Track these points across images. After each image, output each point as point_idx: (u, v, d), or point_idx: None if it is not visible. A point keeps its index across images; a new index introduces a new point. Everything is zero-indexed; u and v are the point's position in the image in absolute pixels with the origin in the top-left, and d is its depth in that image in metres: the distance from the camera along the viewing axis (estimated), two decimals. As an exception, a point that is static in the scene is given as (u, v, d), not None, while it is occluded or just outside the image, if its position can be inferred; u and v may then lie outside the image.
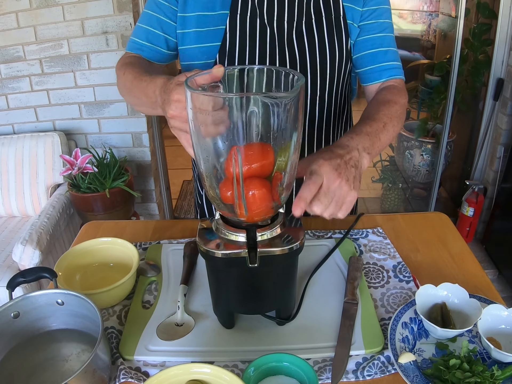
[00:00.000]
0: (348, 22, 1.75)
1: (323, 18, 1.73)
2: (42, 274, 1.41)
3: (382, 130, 1.52)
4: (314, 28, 1.73)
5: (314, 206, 1.24)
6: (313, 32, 1.73)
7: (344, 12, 1.74)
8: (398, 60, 1.85)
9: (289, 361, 1.21)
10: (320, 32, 1.73)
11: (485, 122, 4.24)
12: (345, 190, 1.26)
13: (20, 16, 3.78)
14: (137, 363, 1.32)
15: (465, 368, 1.21)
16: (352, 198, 1.29)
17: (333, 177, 1.25)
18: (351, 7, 1.75)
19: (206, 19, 1.72)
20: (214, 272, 1.33)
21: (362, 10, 1.76)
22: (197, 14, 1.72)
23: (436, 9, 5.37)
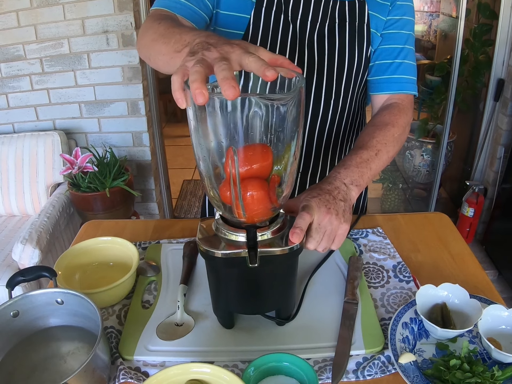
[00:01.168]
0: (372, 30, 1.74)
1: (346, 23, 1.72)
2: (41, 273, 1.41)
3: (374, 158, 1.55)
4: (336, 32, 1.72)
5: (308, 243, 1.33)
6: (335, 36, 1.72)
7: (369, 20, 1.73)
8: (412, 74, 1.81)
9: (289, 361, 1.21)
10: (341, 36, 1.72)
11: (485, 122, 4.24)
12: (335, 224, 1.35)
13: (21, 15, 3.78)
14: (137, 363, 1.32)
15: (465, 368, 1.21)
16: (343, 231, 1.37)
17: (323, 213, 1.33)
18: (376, 16, 1.73)
19: (233, 3, 1.70)
20: (214, 272, 1.33)
21: (386, 19, 1.75)
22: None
23: (436, 9, 5.37)
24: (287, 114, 1.11)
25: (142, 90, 4.03)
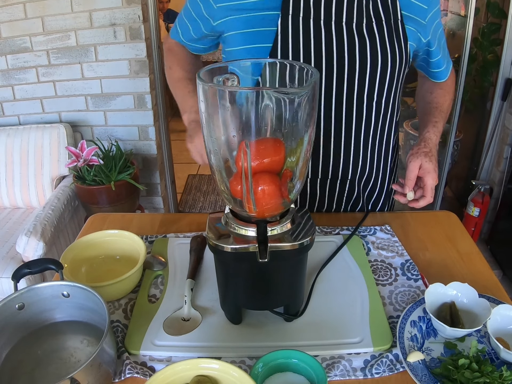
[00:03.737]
0: (406, 26, 1.73)
1: (383, 21, 1.70)
2: (48, 265, 1.40)
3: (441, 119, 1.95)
4: (375, 31, 1.70)
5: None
6: (374, 35, 1.69)
7: (402, 17, 1.72)
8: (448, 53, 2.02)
9: (298, 358, 1.20)
10: (381, 34, 1.70)
11: (492, 122, 4.23)
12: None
13: (28, 7, 3.77)
14: (143, 357, 1.32)
15: (474, 368, 1.20)
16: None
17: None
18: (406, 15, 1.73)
19: (254, 19, 1.68)
20: (223, 267, 1.32)
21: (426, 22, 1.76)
22: (241, 17, 1.69)
23: (444, 7, 5.35)
24: (301, 108, 1.10)
25: (148, 83, 4.02)
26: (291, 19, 1.65)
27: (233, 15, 1.69)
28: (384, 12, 1.70)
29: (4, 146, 3.84)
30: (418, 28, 1.75)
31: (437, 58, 1.91)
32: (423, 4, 1.73)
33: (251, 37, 1.69)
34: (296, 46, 1.65)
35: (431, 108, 1.97)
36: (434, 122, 1.90)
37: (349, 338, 1.35)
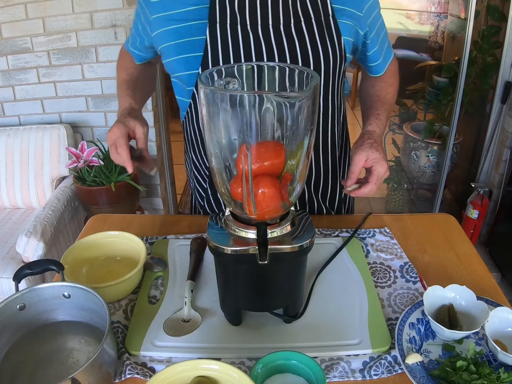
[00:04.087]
0: (338, 20, 1.71)
1: (312, 19, 1.68)
2: (49, 266, 1.41)
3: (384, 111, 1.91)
4: (304, 30, 1.68)
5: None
6: (303, 34, 1.68)
7: (333, 11, 1.70)
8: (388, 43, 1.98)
9: (297, 359, 1.21)
10: (311, 33, 1.68)
11: (492, 124, 4.23)
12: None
13: (29, 7, 3.77)
14: (143, 358, 1.32)
15: (471, 370, 1.21)
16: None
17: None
18: (340, 8, 1.71)
19: (184, 30, 1.69)
20: (223, 269, 1.33)
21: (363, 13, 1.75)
22: (171, 28, 1.70)
23: (444, 10, 5.36)
24: (301, 111, 1.11)
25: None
26: (219, 27, 1.66)
27: (165, 27, 1.71)
28: (313, 9, 1.69)
29: (4, 147, 3.85)
30: (354, 21, 1.73)
31: (372, 50, 1.88)
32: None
33: (182, 48, 1.70)
34: (226, 53, 1.66)
35: (373, 101, 1.96)
36: (376, 115, 1.88)
37: (348, 340, 1.35)
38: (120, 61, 2.07)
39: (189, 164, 2.14)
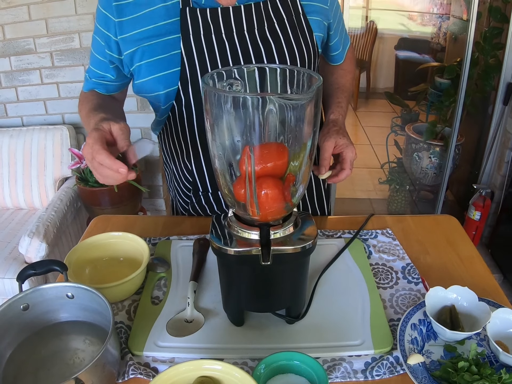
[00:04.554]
0: (309, 17, 1.74)
1: (285, 19, 1.70)
2: (52, 267, 1.41)
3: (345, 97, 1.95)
4: (278, 31, 1.69)
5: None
6: (278, 35, 1.69)
7: (303, 9, 1.73)
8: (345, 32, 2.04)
9: (300, 360, 1.21)
10: (285, 34, 1.70)
11: (494, 126, 4.23)
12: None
13: (32, 9, 3.78)
14: (146, 358, 1.33)
15: (473, 371, 1.21)
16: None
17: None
18: (309, 4, 1.75)
19: (155, 48, 1.64)
20: (226, 269, 1.34)
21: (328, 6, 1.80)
22: (143, 46, 1.64)
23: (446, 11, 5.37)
24: (304, 113, 1.11)
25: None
26: (193, 39, 1.63)
27: (135, 46, 1.65)
28: (284, 10, 1.70)
29: (7, 147, 3.86)
30: (321, 16, 1.77)
31: (334, 40, 1.92)
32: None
33: (156, 66, 1.66)
34: (203, 65, 1.64)
35: (333, 89, 1.97)
36: (338, 103, 1.89)
37: (350, 341, 1.36)
38: (81, 103, 1.83)
39: (169, 175, 2.12)
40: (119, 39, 1.65)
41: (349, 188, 5.44)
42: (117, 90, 1.90)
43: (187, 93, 1.68)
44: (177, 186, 2.04)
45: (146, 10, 1.62)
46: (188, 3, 1.62)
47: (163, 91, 1.70)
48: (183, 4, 1.62)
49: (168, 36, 1.63)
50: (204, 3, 1.64)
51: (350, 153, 1.68)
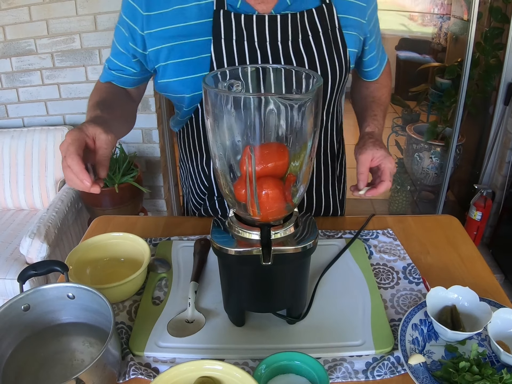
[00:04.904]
0: (344, 32, 1.68)
1: (320, 33, 1.64)
2: (53, 267, 1.41)
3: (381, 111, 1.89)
4: (313, 45, 1.63)
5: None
6: (312, 49, 1.63)
7: (339, 22, 1.66)
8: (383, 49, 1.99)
9: (300, 360, 1.21)
10: (319, 48, 1.64)
11: (495, 126, 4.23)
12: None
13: (33, 10, 3.78)
14: (147, 359, 1.33)
15: (474, 371, 1.21)
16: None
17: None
18: (346, 18, 1.68)
19: (184, 48, 1.60)
20: (226, 270, 1.34)
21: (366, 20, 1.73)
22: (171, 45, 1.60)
23: (447, 12, 5.36)
24: (305, 113, 1.11)
25: (152, 86, 4.02)
26: (224, 43, 1.58)
27: (163, 44, 1.60)
28: (321, 23, 1.64)
29: (8, 148, 3.86)
30: (357, 30, 1.71)
31: (369, 56, 1.87)
32: (362, 2, 1.70)
33: (184, 68, 1.62)
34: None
35: (368, 102, 1.92)
36: (373, 116, 1.83)
37: (351, 341, 1.36)
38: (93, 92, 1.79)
39: (184, 173, 2.09)
40: (145, 34, 1.61)
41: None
42: (135, 84, 1.86)
43: None
44: (191, 186, 2.03)
45: (177, 6, 1.57)
46: (223, 5, 1.57)
47: (189, 94, 1.66)
48: (217, 6, 1.57)
49: (198, 37, 1.58)
50: (239, 7, 1.58)
51: (388, 164, 1.62)
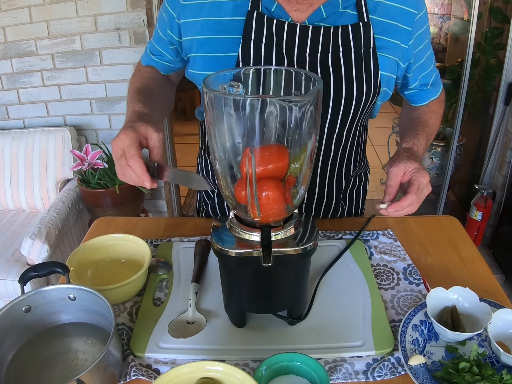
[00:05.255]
0: (379, 53, 1.60)
1: (351, 50, 1.57)
2: (54, 268, 1.41)
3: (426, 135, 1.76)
4: (342, 61, 1.58)
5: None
6: (340, 65, 1.58)
7: (375, 43, 1.59)
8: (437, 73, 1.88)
9: (301, 361, 1.22)
10: (347, 66, 1.58)
11: (495, 126, 4.23)
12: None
13: (33, 11, 3.79)
14: (148, 360, 1.33)
15: (474, 371, 1.21)
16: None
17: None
18: (382, 39, 1.61)
19: (214, 43, 1.60)
20: (227, 271, 1.34)
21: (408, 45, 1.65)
22: (202, 38, 1.61)
23: (447, 12, 5.36)
24: (305, 115, 1.12)
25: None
26: (253, 45, 1.57)
27: (197, 35, 1.61)
28: (354, 40, 1.58)
29: (9, 149, 3.86)
30: (395, 54, 1.63)
31: (414, 84, 1.80)
32: (406, 25, 1.62)
33: (210, 63, 1.62)
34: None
35: (414, 123, 1.82)
36: (415, 135, 1.71)
37: (351, 342, 1.36)
38: (135, 74, 1.88)
39: (201, 164, 2.11)
40: (181, 22, 1.63)
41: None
42: (173, 71, 1.90)
43: None
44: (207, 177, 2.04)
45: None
46: (258, 6, 1.55)
47: None
48: (252, 6, 1.55)
49: (229, 34, 1.58)
50: (273, 11, 1.56)
51: (421, 178, 1.48)
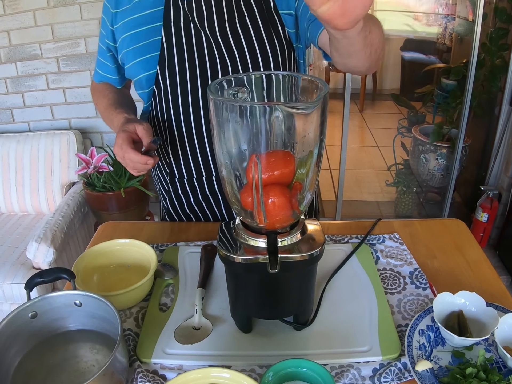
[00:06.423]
0: (281, 12, 1.75)
1: (256, 13, 1.73)
2: (60, 275, 1.41)
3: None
4: (249, 24, 1.73)
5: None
6: (248, 29, 1.73)
7: (275, 4, 1.74)
8: None
9: (307, 367, 1.21)
10: (255, 27, 1.73)
11: (501, 127, 4.22)
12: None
13: (38, 14, 3.80)
14: (154, 366, 1.33)
15: (481, 377, 1.21)
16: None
17: None
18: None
19: (139, 35, 1.76)
20: (233, 277, 1.34)
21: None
22: (130, 34, 1.78)
23: (452, 12, 5.35)
24: (311, 121, 1.11)
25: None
26: (173, 27, 1.74)
27: (125, 33, 1.79)
28: (256, 4, 1.74)
29: (14, 153, 3.87)
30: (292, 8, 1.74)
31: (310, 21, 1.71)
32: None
33: (140, 51, 1.78)
34: (180, 52, 1.73)
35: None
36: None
37: (358, 347, 1.36)
38: (95, 95, 2.09)
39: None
40: (114, 28, 1.83)
41: (356, 190, 5.44)
42: (122, 82, 2.08)
43: (165, 76, 1.77)
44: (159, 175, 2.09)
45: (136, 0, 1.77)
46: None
47: (143, 73, 1.80)
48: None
49: (152, 24, 1.75)
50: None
51: None
